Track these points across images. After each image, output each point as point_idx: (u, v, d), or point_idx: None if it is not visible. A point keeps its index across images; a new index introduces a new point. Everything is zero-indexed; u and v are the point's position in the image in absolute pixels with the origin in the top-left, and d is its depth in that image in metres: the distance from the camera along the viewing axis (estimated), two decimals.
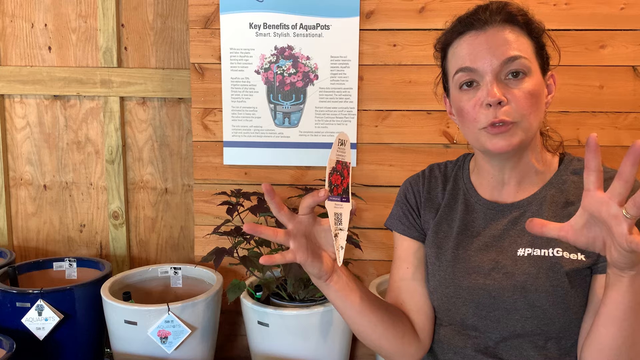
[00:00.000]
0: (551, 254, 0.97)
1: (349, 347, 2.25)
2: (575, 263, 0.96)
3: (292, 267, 1.94)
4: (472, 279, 1.03)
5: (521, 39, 0.98)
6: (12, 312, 2.16)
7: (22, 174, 2.78)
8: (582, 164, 0.96)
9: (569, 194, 1.01)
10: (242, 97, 2.38)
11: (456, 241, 1.08)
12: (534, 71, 0.99)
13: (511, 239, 1.03)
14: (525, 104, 0.95)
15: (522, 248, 1.00)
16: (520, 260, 0.99)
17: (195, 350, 2.13)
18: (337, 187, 0.86)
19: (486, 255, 1.04)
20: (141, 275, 2.42)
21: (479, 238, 1.06)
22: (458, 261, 1.06)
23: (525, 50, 0.98)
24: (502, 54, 0.95)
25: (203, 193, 2.47)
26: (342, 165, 0.85)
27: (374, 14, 2.32)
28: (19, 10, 2.65)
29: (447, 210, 1.12)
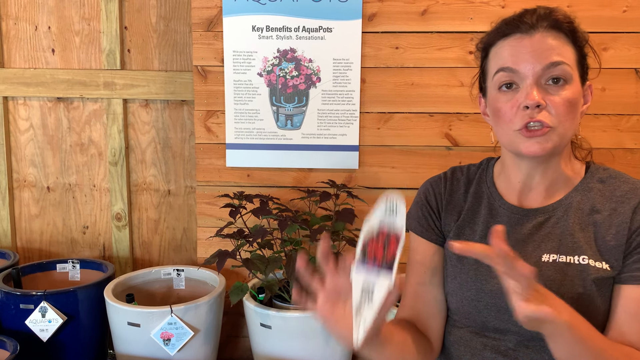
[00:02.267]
0: (577, 262, 0.97)
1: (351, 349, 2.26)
2: (601, 271, 0.96)
3: (295, 270, 1.94)
4: (495, 282, 1.01)
5: (565, 47, 0.99)
6: (16, 313, 2.17)
7: (25, 176, 2.79)
8: (608, 172, 1.02)
9: (595, 201, 1.01)
10: (244, 100, 2.39)
11: None
12: (575, 79, 0.99)
13: (535, 244, 1.02)
14: (563, 111, 0.96)
15: (547, 254, 1.00)
16: (545, 266, 0.99)
17: (198, 352, 2.14)
18: (373, 256, 0.73)
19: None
20: (144, 277, 2.43)
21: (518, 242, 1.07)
22: (481, 264, 1.03)
23: (568, 58, 0.99)
24: (545, 59, 0.96)
25: (206, 195, 2.48)
26: (388, 233, 0.74)
27: (377, 17, 2.33)
28: (23, 12, 2.67)
29: (470, 213, 1.11)
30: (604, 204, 0.98)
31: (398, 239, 0.74)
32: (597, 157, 2.32)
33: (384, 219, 0.74)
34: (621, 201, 0.97)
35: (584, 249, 0.96)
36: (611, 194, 0.99)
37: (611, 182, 1.01)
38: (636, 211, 0.94)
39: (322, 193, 2.20)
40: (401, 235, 0.75)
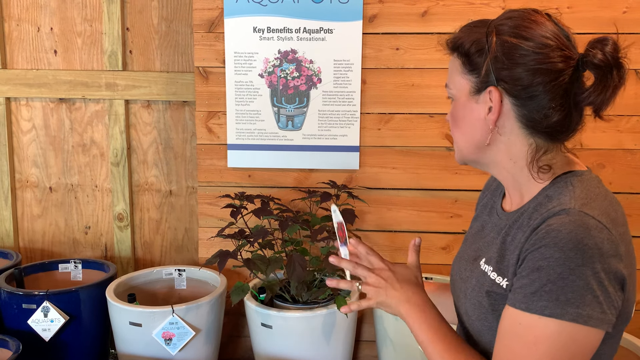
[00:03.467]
0: (485, 271, 0.99)
1: (351, 349, 2.27)
2: (495, 286, 0.95)
3: (295, 270, 1.96)
4: (454, 270, 1.15)
5: (452, 66, 1.04)
6: (18, 313, 2.19)
7: (28, 176, 2.80)
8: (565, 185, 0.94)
9: (526, 216, 0.95)
10: (246, 101, 2.40)
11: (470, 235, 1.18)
12: (459, 95, 1.02)
13: (487, 246, 1.04)
14: (451, 127, 1.06)
15: (482, 261, 1.02)
16: (476, 271, 1.03)
17: (199, 352, 2.15)
18: (341, 239, 1.18)
19: (468, 254, 1.10)
20: (146, 277, 2.44)
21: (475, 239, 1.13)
22: (461, 250, 1.17)
23: (453, 77, 1.03)
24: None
25: (207, 195, 2.49)
26: (339, 224, 1.18)
27: (377, 18, 2.34)
28: (25, 14, 2.68)
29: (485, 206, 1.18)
30: (530, 220, 0.93)
31: (343, 225, 1.17)
32: (597, 157, 2.34)
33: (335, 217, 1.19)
34: (535, 220, 0.91)
35: (495, 261, 0.97)
36: (539, 211, 0.92)
37: (547, 201, 0.93)
38: (530, 236, 0.88)
39: (322, 193, 2.21)
40: (342, 223, 1.18)
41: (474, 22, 1.02)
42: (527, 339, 0.84)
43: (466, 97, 0.99)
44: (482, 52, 0.95)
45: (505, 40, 0.93)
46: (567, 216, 0.86)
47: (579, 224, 0.84)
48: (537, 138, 0.97)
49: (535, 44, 0.92)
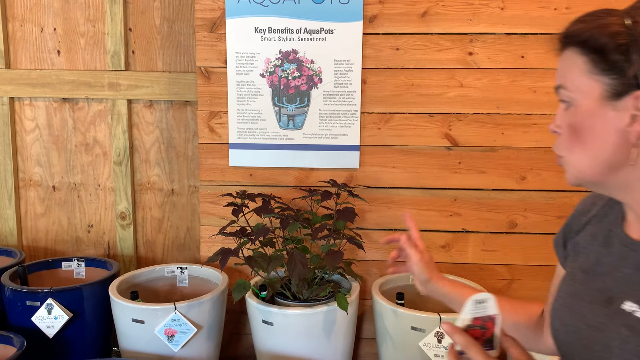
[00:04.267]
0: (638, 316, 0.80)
1: (352, 346, 2.29)
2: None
3: (296, 267, 1.98)
4: (574, 314, 0.92)
5: (573, 65, 0.85)
6: (23, 310, 2.21)
7: (31, 175, 2.83)
8: None
9: None
10: (247, 100, 2.42)
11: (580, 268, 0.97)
12: (581, 100, 0.84)
13: (627, 285, 0.85)
14: (565, 140, 0.87)
15: (632, 302, 0.82)
16: (621, 314, 0.83)
17: (201, 348, 2.18)
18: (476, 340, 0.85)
19: (593, 296, 0.89)
20: (148, 275, 2.47)
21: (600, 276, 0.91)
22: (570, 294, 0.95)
23: (572, 77, 0.86)
24: (556, 84, 0.89)
25: (209, 194, 2.52)
26: (481, 320, 0.85)
27: (377, 19, 2.36)
28: (29, 14, 2.71)
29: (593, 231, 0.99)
30: None
31: (494, 320, 0.85)
32: None
33: (476, 312, 0.85)
34: None
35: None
36: None
37: None
38: None
39: (323, 192, 2.23)
40: (496, 317, 0.85)
41: (596, 11, 0.85)
42: None
43: (597, 102, 0.82)
44: (626, 48, 0.78)
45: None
46: None
47: None
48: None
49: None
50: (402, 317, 2.06)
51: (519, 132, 2.37)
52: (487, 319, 0.85)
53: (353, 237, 2.18)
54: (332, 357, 2.15)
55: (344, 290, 2.26)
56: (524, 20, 2.33)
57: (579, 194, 2.41)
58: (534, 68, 2.36)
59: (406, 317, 2.06)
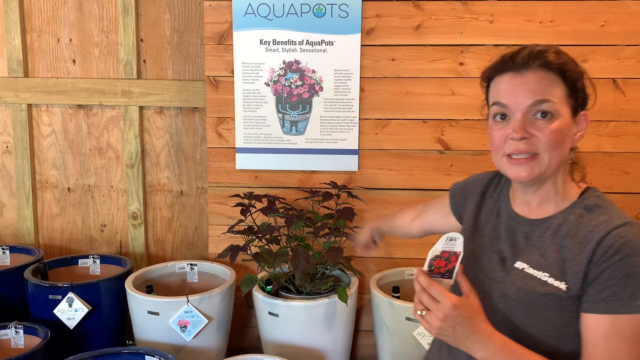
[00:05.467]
0: (539, 277, 1.06)
1: (351, 336, 2.45)
2: (556, 290, 1.03)
3: (300, 262, 2.14)
4: (479, 270, 1.17)
5: (553, 84, 1.06)
6: (45, 304, 2.37)
7: (47, 178, 2.99)
8: (597, 201, 1.08)
9: (572, 227, 1.06)
10: (253, 107, 2.59)
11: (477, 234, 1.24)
12: (563, 113, 1.06)
13: (517, 250, 1.12)
14: (548, 142, 1.05)
15: (521, 262, 1.09)
16: (515, 271, 1.09)
17: (211, 338, 2.34)
18: (438, 269, 1.05)
19: (490, 256, 1.16)
20: (160, 271, 2.63)
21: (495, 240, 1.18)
22: (472, 252, 1.20)
23: (556, 95, 1.05)
24: (533, 96, 1.05)
25: (217, 195, 2.68)
26: (448, 254, 1.05)
27: (374, 31, 2.53)
28: (46, 26, 2.87)
29: (486, 210, 1.26)
30: (578, 231, 1.04)
31: (458, 257, 1.04)
32: None
33: (445, 246, 1.06)
34: (592, 232, 1.02)
35: (549, 267, 1.05)
36: (587, 223, 1.04)
37: (593, 212, 1.05)
38: (598, 246, 1.00)
39: (324, 193, 2.40)
40: (460, 254, 1.05)
41: (557, 48, 1.10)
42: (627, 337, 0.96)
43: (569, 117, 1.07)
44: (577, 79, 1.08)
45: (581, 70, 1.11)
46: (631, 228, 1.01)
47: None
48: (572, 154, 1.12)
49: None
50: (398, 309, 2.23)
51: None
52: (452, 254, 1.05)
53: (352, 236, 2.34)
54: (332, 346, 2.31)
55: (344, 284, 2.42)
56: (511, 32, 2.49)
57: None
58: None
59: (401, 308, 2.22)
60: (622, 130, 2.54)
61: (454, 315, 1.00)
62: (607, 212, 1.05)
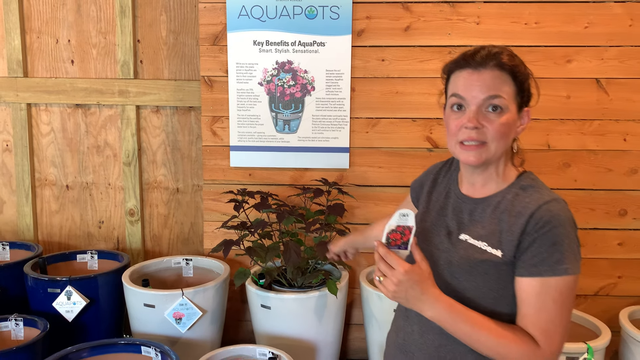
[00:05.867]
0: (479, 245, 1.20)
1: (341, 328, 2.52)
2: (493, 257, 1.17)
3: (291, 256, 2.22)
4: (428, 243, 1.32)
5: (505, 82, 1.20)
6: (44, 297, 2.44)
7: (46, 175, 3.06)
8: (530, 182, 1.22)
9: (509, 203, 1.20)
10: (246, 107, 2.66)
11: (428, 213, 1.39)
12: (510, 109, 1.20)
13: (462, 225, 1.27)
14: (496, 133, 1.19)
15: (464, 234, 1.24)
16: (459, 242, 1.24)
17: (205, 331, 2.41)
18: (395, 241, 1.17)
19: (439, 230, 1.32)
20: (156, 266, 2.70)
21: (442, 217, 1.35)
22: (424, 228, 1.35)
23: (506, 92, 1.19)
24: (486, 92, 1.19)
25: (212, 192, 2.75)
26: (402, 228, 1.17)
27: (365, 32, 2.60)
28: (45, 27, 2.94)
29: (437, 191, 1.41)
30: (513, 207, 1.18)
31: (412, 231, 1.16)
32: (563, 157, 2.60)
33: (400, 221, 1.16)
34: (525, 207, 1.16)
35: (488, 237, 1.19)
36: (522, 200, 1.18)
37: (527, 191, 1.20)
38: (530, 218, 1.14)
39: (315, 190, 2.47)
40: (413, 228, 1.16)
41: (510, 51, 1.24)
42: (555, 297, 1.11)
43: (516, 111, 1.21)
44: (525, 83, 1.23)
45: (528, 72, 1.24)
46: (557, 204, 1.16)
47: (566, 208, 1.16)
48: (514, 144, 1.27)
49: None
50: (386, 302, 2.30)
51: None
52: (406, 228, 1.17)
53: (343, 230, 2.42)
54: (323, 337, 2.38)
55: (335, 278, 2.49)
56: (497, 34, 2.57)
57: None
58: None
59: (389, 301, 2.28)
60: (606, 128, 2.62)
61: (406, 280, 1.13)
62: (538, 191, 1.19)
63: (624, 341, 2.39)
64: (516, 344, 1.12)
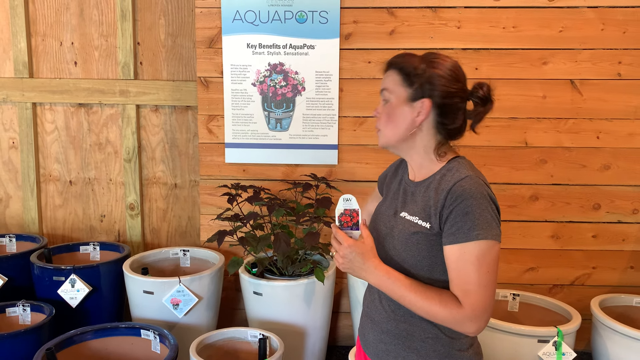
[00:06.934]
0: (411, 219, 1.37)
1: (329, 314, 2.67)
2: (422, 228, 1.34)
3: (281, 245, 2.37)
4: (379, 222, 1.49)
5: (390, 77, 1.40)
6: (49, 285, 2.59)
7: (50, 171, 3.22)
8: (453, 166, 1.36)
9: (434, 183, 1.37)
10: (240, 106, 2.81)
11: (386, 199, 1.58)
12: (394, 99, 1.38)
13: (403, 204, 1.44)
14: (383, 120, 1.41)
15: (404, 212, 1.41)
16: (400, 219, 1.41)
17: (201, 316, 2.56)
18: (346, 223, 1.35)
19: (389, 211, 1.50)
20: (155, 256, 2.85)
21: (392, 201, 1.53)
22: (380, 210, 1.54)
23: (390, 84, 1.38)
24: (383, 86, 1.42)
25: (208, 187, 2.90)
26: (350, 211, 1.35)
27: (352, 36, 2.75)
28: (50, 30, 3.09)
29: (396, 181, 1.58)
30: (439, 186, 1.34)
31: (358, 212, 1.35)
32: (540, 154, 2.75)
33: (345, 206, 1.35)
34: (446, 185, 1.32)
35: (419, 212, 1.36)
36: (446, 179, 1.34)
37: (451, 171, 1.35)
38: (448, 194, 1.30)
39: (305, 184, 2.62)
40: (359, 210, 1.35)
41: (408, 53, 1.41)
42: (472, 260, 1.25)
43: (402, 102, 1.36)
44: (419, 75, 1.35)
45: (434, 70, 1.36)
46: (470, 180, 1.30)
47: (478, 183, 1.30)
48: (440, 136, 1.40)
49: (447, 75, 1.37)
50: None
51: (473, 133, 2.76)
52: (353, 211, 1.36)
53: (329, 222, 2.56)
54: (312, 322, 2.53)
55: (323, 267, 2.64)
56: (477, 37, 2.72)
57: (527, 186, 2.81)
58: (486, 78, 2.73)
59: None
60: (580, 127, 2.77)
61: (349, 252, 1.32)
62: (459, 171, 1.35)
63: (595, 327, 2.55)
64: (441, 304, 1.27)
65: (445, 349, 1.36)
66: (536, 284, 2.91)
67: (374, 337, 1.45)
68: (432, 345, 1.36)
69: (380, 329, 1.43)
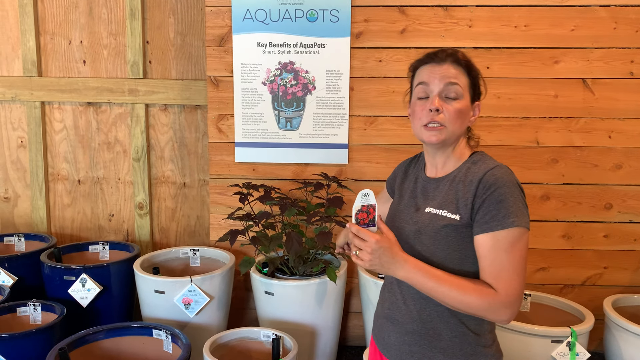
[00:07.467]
0: (439, 213, 1.37)
1: (340, 314, 2.67)
2: (452, 220, 1.34)
3: (293, 245, 2.36)
4: (400, 220, 1.49)
5: (460, 75, 1.39)
6: (60, 284, 2.59)
7: (59, 170, 3.21)
8: (478, 158, 1.40)
9: (462, 175, 1.39)
10: (250, 105, 2.80)
11: (402, 198, 1.57)
12: (465, 97, 1.39)
13: (427, 200, 1.45)
14: (453, 116, 1.38)
15: (429, 207, 1.41)
16: (425, 214, 1.41)
17: (212, 316, 2.55)
18: (363, 220, 1.33)
19: (409, 209, 1.49)
20: (165, 256, 2.84)
21: (413, 199, 1.53)
22: (398, 210, 1.53)
23: (462, 82, 1.39)
24: (446, 79, 1.38)
25: (217, 186, 2.90)
26: (367, 207, 1.33)
27: (363, 35, 2.74)
28: (59, 29, 3.08)
29: (408, 180, 1.58)
30: (466, 178, 1.36)
31: (375, 208, 1.33)
32: (551, 154, 2.74)
33: (362, 202, 1.33)
34: (474, 176, 1.34)
35: (447, 205, 1.37)
36: (472, 171, 1.36)
37: (477, 164, 1.38)
38: (478, 185, 1.32)
39: (316, 184, 2.61)
40: (375, 205, 1.33)
41: (462, 53, 1.44)
42: (506, 247, 1.26)
43: (469, 101, 1.41)
44: (477, 79, 1.43)
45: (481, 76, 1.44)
46: (500, 169, 1.33)
47: (508, 172, 1.33)
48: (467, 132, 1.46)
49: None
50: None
51: (484, 132, 2.76)
52: (370, 207, 1.33)
53: (342, 222, 2.55)
54: (324, 322, 2.53)
55: (334, 266, 2.64)
56: (488, 36, 2.71)
57: (538, 186, 2.80)
58: (497, 77, 2.74)
59: None
60: (592, 126, 2.76)
61: (377, 247, 1.29)
62: (485, 162, 1.38)
63: (607, 327, 2.53)
64: (475, 292, 1.27)
65: (472, 347, 1.36)
66: (547, 283, 2.90)
67: (397, 339, 1.44)
68: (459, 344, 1.36)
69: (404, 330, 1.42)
